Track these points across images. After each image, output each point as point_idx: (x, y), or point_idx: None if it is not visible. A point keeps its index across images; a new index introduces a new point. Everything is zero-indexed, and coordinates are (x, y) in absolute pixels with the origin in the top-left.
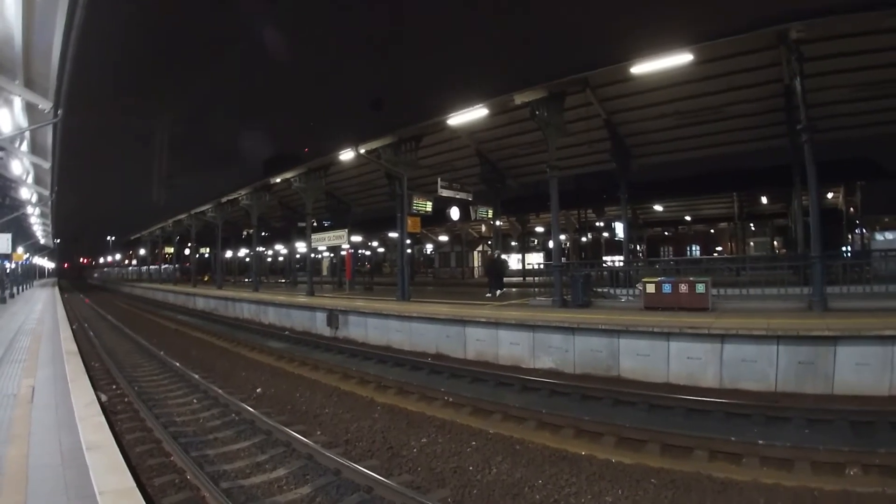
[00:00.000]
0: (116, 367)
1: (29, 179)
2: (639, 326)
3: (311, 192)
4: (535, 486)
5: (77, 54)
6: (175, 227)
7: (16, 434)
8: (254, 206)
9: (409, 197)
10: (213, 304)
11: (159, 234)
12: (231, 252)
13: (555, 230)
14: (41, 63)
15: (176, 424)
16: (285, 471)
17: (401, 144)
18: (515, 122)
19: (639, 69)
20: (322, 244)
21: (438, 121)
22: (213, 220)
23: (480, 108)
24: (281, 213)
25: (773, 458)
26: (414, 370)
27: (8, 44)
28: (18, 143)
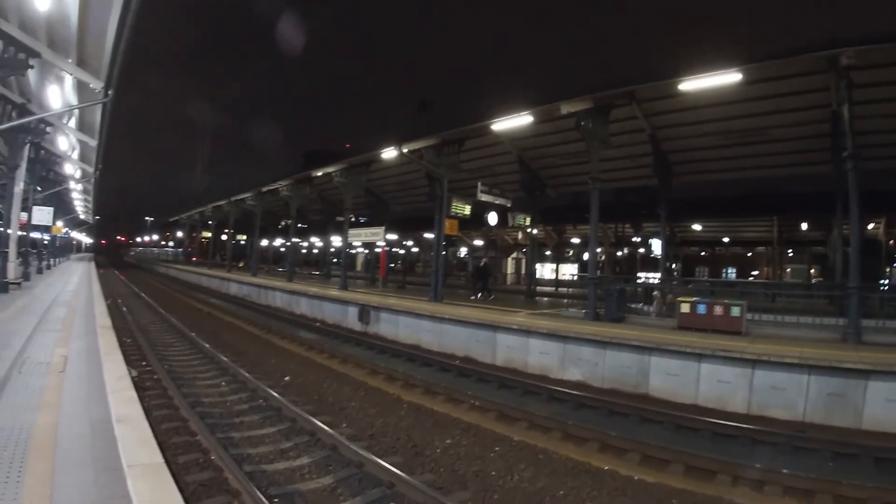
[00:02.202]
0: (148, 344)
1: (74, 155)
2: (671, 345)
3: (351, 188)
4: (556, 496)
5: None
6: (214, 213)
7: (47, 402)
8: (293, 197)
9: (449, 199)
10: (247, 291)
11: (198, 218)
12: (267, 241)
13: (592, 243)
14: (95, 44)
15: (203, 405)
16: (308, 459)
17: (443, 146)
18: (559, 132)
19: (686, 86)
20: (358, 240)
21: (482, 125)
22: (252, 208)
23: (525, 115)
24: (319, 206)
25: (796, 489)
26: (442, 371)
27: (64, 23)
28: (67, 119)
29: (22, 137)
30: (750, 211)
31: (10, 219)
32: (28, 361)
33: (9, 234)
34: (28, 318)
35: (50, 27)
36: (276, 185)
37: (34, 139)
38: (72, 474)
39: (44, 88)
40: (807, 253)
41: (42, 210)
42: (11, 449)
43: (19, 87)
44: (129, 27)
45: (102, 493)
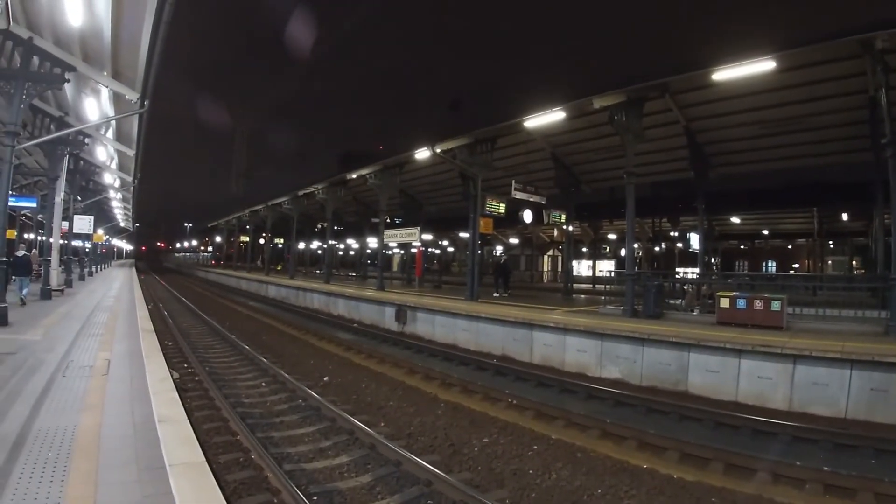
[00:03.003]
0: (189, 346)
1: (113, 165)
2: (710, 341)
3: (386, 189)
4: (595, 495)
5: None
6: (251, 217)
7: (90, 404)
8: (329, 200)
9: (483, 198)
10: (285, 293)
11: (235, 223)
12: (304, 244)
13: (629, 238)
14: (129, 56)
15: (243, 405)
16: (347, 458)
17: (476, 145)
18: (592, 127)
19: (720, 76)
20: (394, 241)
21: (515, 122)
22: (289, 212)
23: (558, 111)
24: (355, 208)
25: (837, 487)
26: (479, 370)
27: (97, 37)
28: (104, 130)
29: (61, 149)
30: (788, 202)
31: (52, 228)
32: (72, 365)
33: (51, 243)
34: (71, 324)
35: (84, 41)
36: (312, 188)
37: (73, 150)
38: (115, 473)
39: (80, 101)
40: (848, 244)
41: (83, 219)
42: (56, 449)
43: (56, 101)
44: (162, 38)
45: (145, 491)
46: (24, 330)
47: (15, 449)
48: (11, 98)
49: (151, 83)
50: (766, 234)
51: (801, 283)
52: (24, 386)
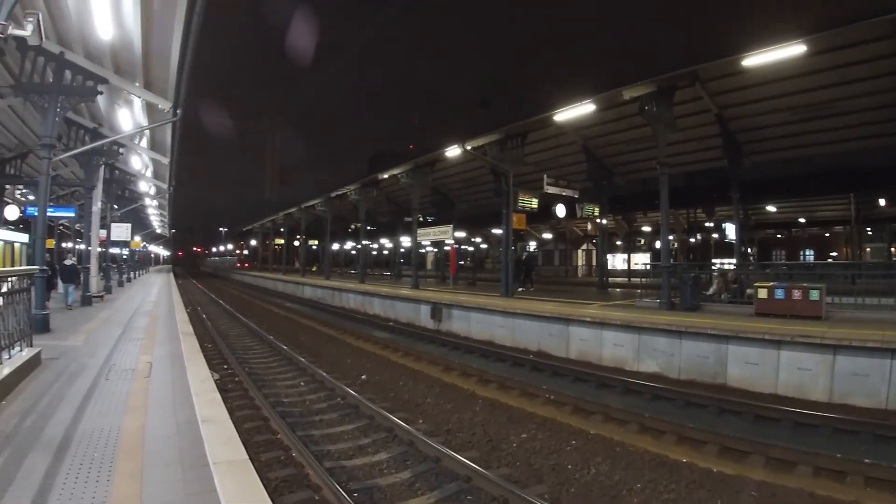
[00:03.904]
0: (228, 348)
1: (148, 173)
2: (749, 333)
3: (418, 188)
4: (634, 489)
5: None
6: (285, 220)
7: (133, 406)
8: (361, 200)
9: (515, 193)
10: (321, 294)
11: (270, 227)
12: (338, 244)
13: (664, 230)
14: (160, 66)
15: (283, 405)
16: (387, 455)
17: (507, 141)
18: (623, 118)
19: (750, 62)
20: (427, 239)
21: (545, 117)
22: (323, 213)
23: (588, 103)
24: (387, 207)
25: (878, 479)
26: (516, 366)
27: (128, 49)
28: (138, 140)
29: (96, 160)
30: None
31: (90, 236)
32: (114, 369)
33: (89, 251)
34: (112, 329)
35: (115, 54)
36: (345, 189)
37: (108, 161)
38: (159, 472)
39: (114, 112)
40: (886, 230)
41: (120, 227)
42: (101, 450)
43: (90, 113)
44: (192, 48)
45: (190, 490)
46: (65, 336)
47: (60, 450)
48: (46, 112)
49: (183, 92)
50: (803, 223)
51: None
52: (68, 390)
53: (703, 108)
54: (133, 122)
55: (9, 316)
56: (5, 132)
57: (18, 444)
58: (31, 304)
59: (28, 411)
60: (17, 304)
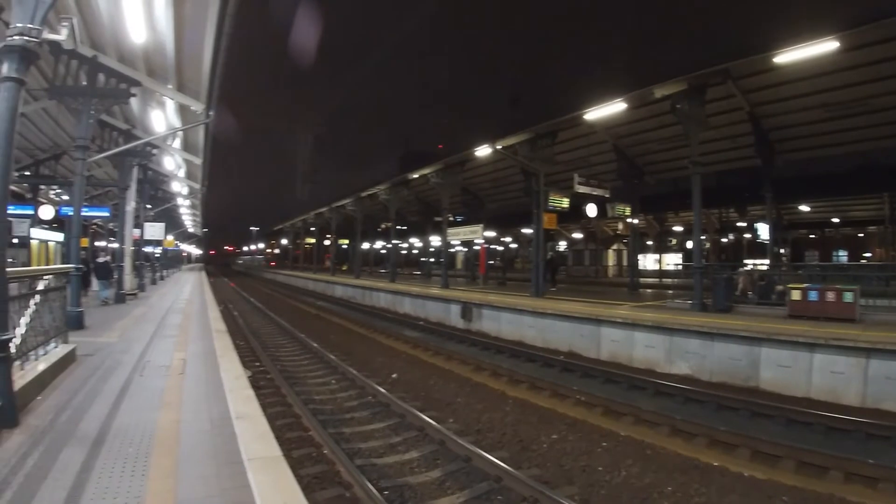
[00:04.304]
0: (260, 345)
1: (181, 174)
2: (781, 335)
3: (448, 188)
4: (664, 492)
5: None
6: (316, 220)
7: (168, 402)
8: (392, 200)
9: (545, 193)
10: (351, 293)
11: (301, 226)
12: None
13: (696, 230)
14: (192, 68)
15: (315, 402)
16: (417, 454)
17: (537, 140)
18: (654, 116)
19: (782, 59)
20: (457, 238)
21: (575, 116)
22: (353, 213)
23: (619, 102)
24: (417, 207)
25: None
26: (546, 367)
27: (160, 52)
28: (171, 141)
29: (129, 161)
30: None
31: (124, 235)
32: (149, 365)
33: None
34: (146, 326)
35: (147, 57)
36: (375, 189)
37: (141, 161)
38: (194, 468)
39: (147, 113)
40: None
41: (154, 226)
42: (136, 445)
43: (123, 115)
44: (224, 50)
45: (224, 485)
46: (100, 333)
47: (96, 445)
48: (80, 114)
49: (215, 94)
50: (836, 222)
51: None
52: (103, 386)
53: (735, 106)
54: (166, 123)
55: (45, 313)
56: (39, 134)
57: (54, 438)
58: (66, 302)
59: (64, 406)
60: (52, 301)
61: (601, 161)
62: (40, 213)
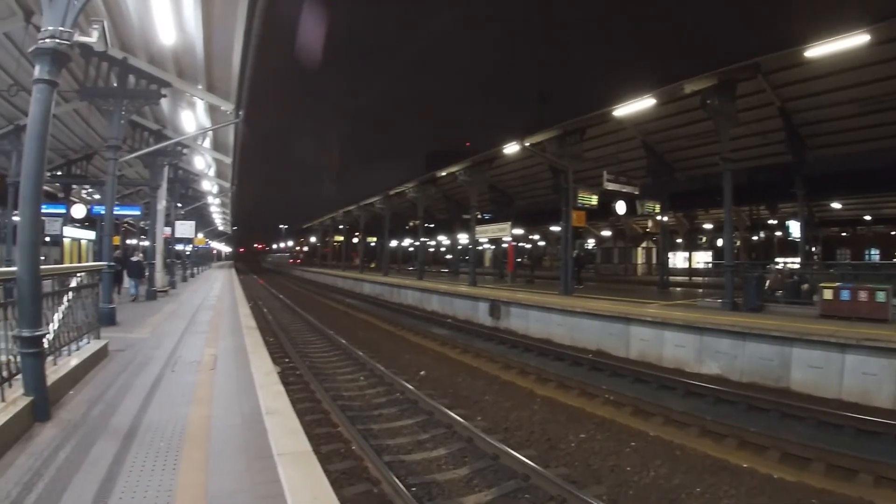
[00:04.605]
0: (289, 342)
1: (211, 173)
2: (813, 335)
3: (476, 185)
4: (693, 493)
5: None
6: (344, 217)
7: (199, 397)
8: (420, 198)
9: (574, 190)
10: (379, 290)
11: (329, 224)
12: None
13: (727, 227)
14: (222, 69)
15: (343, 398)
16: (445, 451)
17: (565, 137)
18: (683, 112)
19: (812, 53)
20: (485, 236)
21: (604, 112)
22: (381, 211)
23: (648, 97)
24: (445, 205)
25: None
26: (574, 365)
27: (190, 53)
28: (201, 140)
29: (160, 160)
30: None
31: (155, 234)
32: (180, 361)
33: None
34: (177, 322)
35: (177, 58)
36: (403, 187)
37: (172, 161)
38: (225, 462)
39: (177, 113)
40: None
41: (184, 224)
42: (168, 439)
43: (154, 115)
44: (253, 51)
45: (254, 479)
46: (131, 329)
47: (127, 439)
48: (111, 115)
49: (245, 94)
50: (869, 220)
51: None
52: (135, 380)
53: (765, 102)
54: (196, 123)
55: (77, 310)
56: (70, 134)
57: (86, 432)
58: (98, 299)
59: (96, 401)
60: (85, 298)
61: (630, 158)
62: (73, 211)
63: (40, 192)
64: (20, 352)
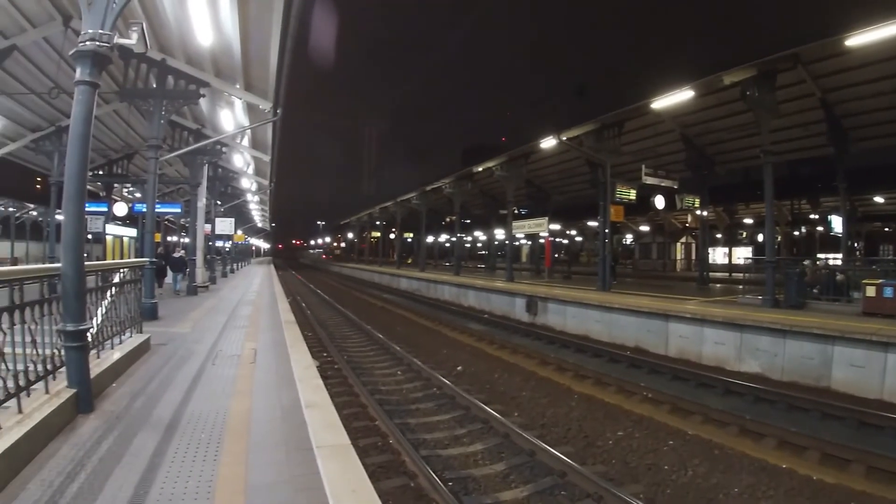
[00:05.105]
0: (328, 336)
1: (249, 171)
2: (855, 333)
3: (512, 181)
4: (731, 493)
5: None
6: (381, 214)
7: (239, 390)
8: (456, 193)
9: (612, 184)
10: (416, 285)
11: (366, 220)
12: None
13: (769, 222)
14: (259, 68)
15: (381, 392)
16: (482, 446)
17: (603, 131)
18: (722, 104)
19: (853, 42)
20: (521, 232)
21: (642, 105)
22: (418, 207)
23: (686, 90)
24: (481, 200)
25: None
26: (612, 362)
27: (227, 53)
28: (240, 139)
29: (200, 159)
30: None
31: (196, 231)
32: (220, 355)
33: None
34: (217, 317)
35: (215, 58)
36: (439, 183)
37: (211, 159)
38: (265, 454)
39: (216, 113)
40: None
41: (224, 221)
42: (209, 431)
43: (193, 115)
44: (290, 50)
45: (294, 471)
46: (173, 323)
47: (169, 430)
48: (151, 115)
49: (283, 93)
50: None
51: None
52: (176, 374)
53: (806, 93)
54: (234, 122)
55: (120, 304)
56: (111, 135)
57: (128, 423)
58: (141, 294)
59: (138, 393)
60: (127, 293)
61: (669, 151)
62: (115, 210)
63: (84, 191)
64: (64, 345)
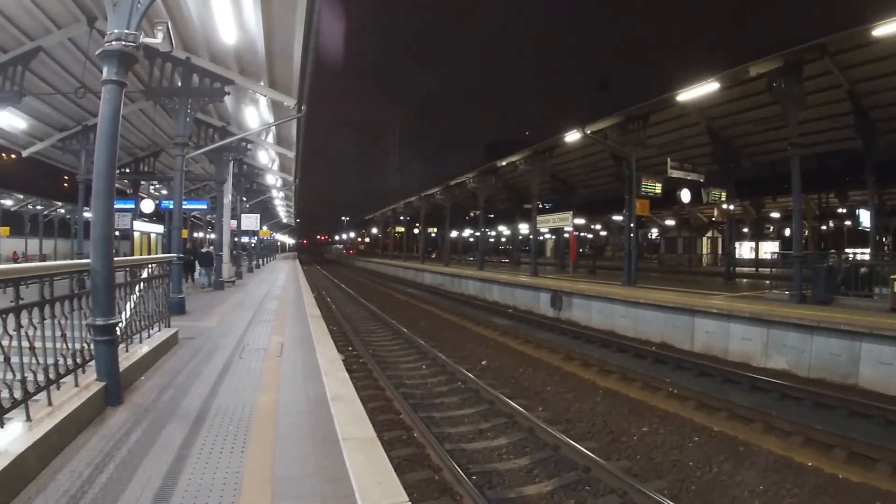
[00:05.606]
0: (353, 330)
1: (274, 167)
2: (883, 330)
3: (536, 174)
4: (756, 491)
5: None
6: (405, 209)
7: (266, 383)
8: (480, 188)
9: (637, 178)
10: (440, 280)
11: (390, 215)
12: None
13: (796, 216)
14: (283, 66)
15: (405, 386)
16: (506, 440)
17: (628, 123)
18: (748, 96)
19: (881, 31)
20: (546, 226)
21: (667, 97)
22: (442, 201)
23: (712, 81)
24: (505, 195)
25: None
26: (637, 357)
27: (251, 51)
28: (265, 136)
29: (226, 156)
30: None
31: (222, 226)
32: (247, 348)
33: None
34: (243, 312)
35: (239, 56)
36: (463, 178)
37: (237, 156)
38: (291, 446)
39: (241, 110)
40: None
41: (250, 217)
42: (236, 423)
43: (218, 112)
44: (313, 47)
45: (320, 463)
46: (200, 318)
47: (197, 423)
48: (177, 113)
49: (307, 89)
50: None
51: None
52: (204, 367)
53: (833, 84)
54: (259, 119)
55: (148, 299)
56: (137, 133)
57: (156, 416)
58: (168, 289)
59: (166, 386)
60: (155, 288)
61: (695, 144)
62: (142, 206)
63: (112, 188)
64: (94, 339)
